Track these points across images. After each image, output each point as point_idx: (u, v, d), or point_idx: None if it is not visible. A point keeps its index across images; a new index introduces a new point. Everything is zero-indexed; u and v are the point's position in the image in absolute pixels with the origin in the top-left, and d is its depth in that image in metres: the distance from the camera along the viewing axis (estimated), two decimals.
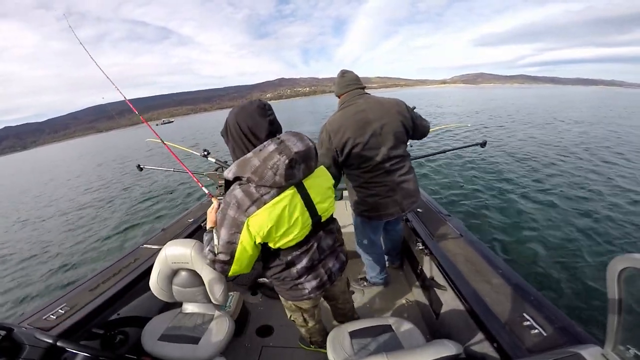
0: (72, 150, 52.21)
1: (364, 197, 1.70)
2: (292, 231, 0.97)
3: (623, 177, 6.00)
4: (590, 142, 9.50)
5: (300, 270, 1.10)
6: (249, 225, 0.90)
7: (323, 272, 1.18)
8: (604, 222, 4.17)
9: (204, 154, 2.91)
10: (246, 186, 0.91)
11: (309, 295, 1.18)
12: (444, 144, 10.22)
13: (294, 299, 1.23)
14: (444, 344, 1.11)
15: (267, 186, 0.90)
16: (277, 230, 0.94)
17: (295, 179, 0.94)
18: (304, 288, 1.16)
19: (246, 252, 0.95)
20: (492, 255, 1.63)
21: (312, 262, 1.12)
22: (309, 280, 1.15)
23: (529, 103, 29.83)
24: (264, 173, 0.86)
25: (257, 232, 0.91)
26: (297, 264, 1.09)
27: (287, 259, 1.07)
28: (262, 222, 0.90)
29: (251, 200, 0.89)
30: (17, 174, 24.21)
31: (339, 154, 1.59)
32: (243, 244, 0.93)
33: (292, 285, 1.16)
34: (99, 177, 13.08)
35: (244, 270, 1.02)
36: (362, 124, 1.54)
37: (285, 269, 1.10)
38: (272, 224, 0.91)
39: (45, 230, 6.95)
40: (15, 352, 1.05)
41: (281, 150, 0.88)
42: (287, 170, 0.87)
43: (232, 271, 1.00)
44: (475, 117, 18.01)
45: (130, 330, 1.71)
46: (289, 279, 1.13)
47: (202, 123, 51.94)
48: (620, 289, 0.73)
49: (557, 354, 0.92)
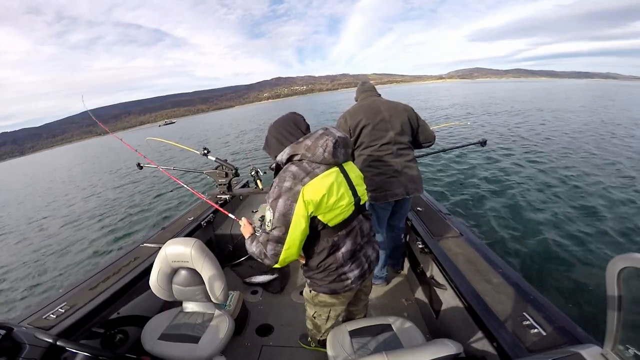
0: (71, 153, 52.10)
1: (372, 175, 1.83)
2: (340, 204, 1.06)
3: (625, 175, 6.00)
4: (590, 140, 9.49)
5: (345, 254, 1.15)
6: (304, 193, 0.99)
7: (364, 260, 1.24)
8: (605, 220, 4.17)
9: (204, 152, 2.91)
10: (299, 163, 1.06)
11: (351, 285, 1.21)
12: (444, 143, 10.21)
13: (334, 292, 1.23)
14: (444, 343, 1.11)
15: (317, 162, 1.05)
16: (328, 198, 1.02)
17: (339, 159, 1.09)
18: (347, 278, 1.19)
19: (300, 226, 1.01)
20: (492, 255, 1.63)
21: (355, 245, 1.18)
22: (352, 270, 1.19)
23: (527, 97, 29.77)
24: (316, 150, 1.03)
25: (310, 199, 1.00)
26: (342, 247, 1.14)
27: (333, 239, 1.12)
28: (316, 189, 1.00)
29: (305, 172, 1.03)
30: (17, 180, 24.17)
31: (352, 132, 1.86)
32: (298, 215, 1.00)
33: (335, 276, 1.18)
34: (99, 177, 13.08)
35: (294, 255, 1.06)
36: (375, 111, 1.85)
37: (330, 255, 1.14)
38: (325, 192, 1.01)
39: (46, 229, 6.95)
40: (15, 351, 1.05)
41: (327, 134, 1.07)
42: (334, 149, 1.04)
43: (284, 252, 1.04)
44: (474, 115, 17.99)
45: (130, 330, 1.72)
46: (334, 266, 1.16)
47: (203, 123, 52.64)
48: (619, 288, 0.73)
49: (557, 354, 0.92)
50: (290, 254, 1.05)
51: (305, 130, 1.14)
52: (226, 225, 2.79)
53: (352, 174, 1.15)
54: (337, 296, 1.27)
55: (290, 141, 1.10)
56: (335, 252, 1.14)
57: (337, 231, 1.11)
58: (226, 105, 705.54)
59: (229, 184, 2.95)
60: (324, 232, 1.10)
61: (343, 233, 1.13)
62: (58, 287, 4.16)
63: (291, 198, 1.00)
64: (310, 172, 1.03)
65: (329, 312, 1.39)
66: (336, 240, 1.12)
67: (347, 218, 1.11)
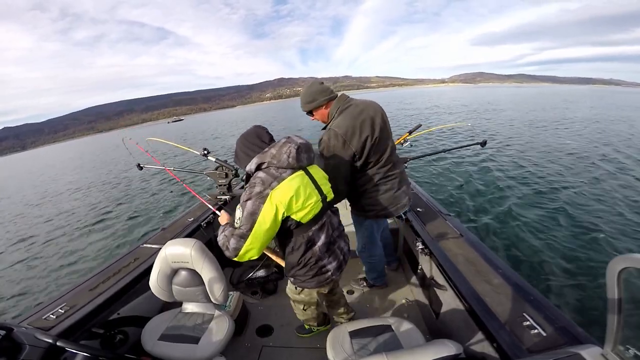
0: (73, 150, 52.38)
1: (381, 194, 1.69)
2: (309, 202, 1.16)
3: (624, 176, 6.00)
4: (590, 140, 9.49)
5: (322, 247, 1.26)
6: (272, 196, 1.10)
7: (339, 252, 1.36)
8: (605, 221, 4.17)
9: (204, 153, 2.91)
10: (267, 169, 1.16)
11: (332, 277, 1.34)
12: (444, 144, 10.22)
13: (318, 284, 1.34)
14: (444, 343, 1.11)
15: (284, 167, 1.15)
16: (296, 200, 1.12)
17: (303, 163, 1.19)
18: (327, 270, 1.32)
19: (264, 224, 1.10)
20: (492, 255, 1.63)
21: (328, 238, 1.29)
22: (331, 262, 1.32)
23: (528, 102, 29.91)
24: (281, 156, 1.14)
25: (279, 201, 1.10)
26: (317, 242, 1.25)
27: (308, 235, 1.23)
28: (283, 192, 1.10)
29: (273, 178, 1.12)
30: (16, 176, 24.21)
31: (357, 156, 1.56)
32: (263, 215, 1.09)
33: (317, 270, 1.29)
34: (99, 176, 13.08)
35: (255, 251, 1.14)
36: (370, 121, 1.57)
37: (308, 249, 1.25)
38: (292, 194, 1.11)
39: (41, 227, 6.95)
40: (15, 352, 1.05)
41: (290, 142, 1.17)
42: (297, 154, 1.14)
43: (245, 247, 1.12)
44: (474, 116, 18.01)
45: (130, 330, 1.72)
46: (313, 259, 1.27)
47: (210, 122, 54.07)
48: (620, 288, 0.73)
49: (557, 354, 0.92)
50: (251, 249, 1.13)
51: (268, 141, 1.25)
52: None
53: (317, 175, 1.27)
54: (321, 289, 1.40)
55: (256, 152, 1.20)
56: (312, 247, 1.25)
57: (310, 227, 1.22)
58: (228, 104, 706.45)
59: (229, 185, 2.95)
60: (298, 229, 1.21)
61: (316, 228, 1.24)
62: (58, 287, 4.16)
63: (259, 200, 1.10)
64: (277, 177, 1.13)
65: (317, 302, 1.57)
66: (311, 235, 1.23)
67: (317, 214, 1.22)
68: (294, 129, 21.75)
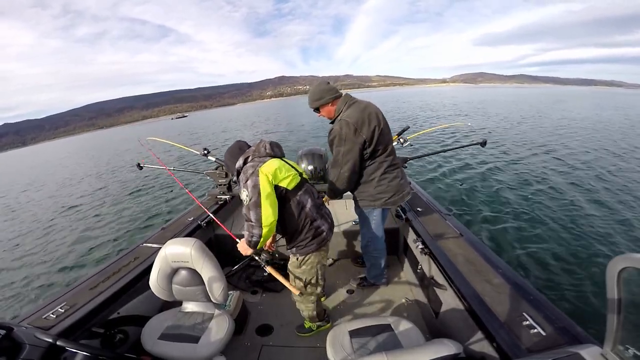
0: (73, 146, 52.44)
1: (389, 181, 1.80)
2: (289, 174, 1.45)
3: (624, 176, 6.00)
4: (590, 141, 9.50)
5: (312, 209, 1.51)
6: (262, 171, 1.38)
7: (327, 215, 1.61)
8: (604, 221, 4.18)
9: (204, 152, 2.91)
10: (252, 160, 1.46)
11: (326, 236, 1.57)
12: (444, 144, 10.22)
13: (319, 246, 1.54)
14: (444, 343, 1.11)
15: (263, 156, 1.47)
16: (280, 171, 1.41)
17: (277, 154, 1.54)
18: (322, 230, 1.54)
19: (266, 190, 1.35)
20: (491, 255, 1.63)
21: (314, 201, 1.54)
22: (323, 223, 1.55)
23: (527, 102, 30.00)
24: (260, 150, 1.50)
25: (268, 172, 1.38)
26: (307, 204, 1.50)
27: (297, 199, 1.47)
28: (269, 166, 1.40)
29: (258, 162, 1.43)
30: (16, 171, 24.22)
31: (367, 143, 1.68)
32: (262, 184, 1.36)
33: (314, 230, 1.51)
34: (98, 175, 13.07)
35: (272, 217, 1.36)
36: (375, 114, 1.72)
37: (301, 212, 1.48)
38: (276, 167, 1.41)
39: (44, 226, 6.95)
40: (15, 351, 1.05)
41: (264, 140, 1.54)
42: (271, 146, 1.52)
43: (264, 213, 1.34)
44: (475, 117, 18.01)
45: (130, 329, 1.72)
46: (308, 220, 1.49)
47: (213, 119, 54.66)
48: (619, 288, 0.73)
49: (557, 354, 0.92)
50: (268, 214, 1.35)
51: (248, 148, 1.57)
52: (226, 225, 2.79)
53: (290, 162, 1.58)
54: (320, 251, 1.58)
55: (238, 156, 1.52)
56: (304, 209, 1.49)
57: (296, 192, 1.47)
58: (229, 102, 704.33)
59: (229, 185, 2.95)
60: (288, 195, 1.44)
61: (302, 192, 1.49)
62: (58, 286, 4.16)
63: (255, 176, 1.37)
64: (261, 161, 1.44)
65: (317, 271, 1.64)
66: (299, 199, 1.47)
67: (299, 182, 1.49)
68: (295, 125, 21.96)
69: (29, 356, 1.06)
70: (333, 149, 1.74)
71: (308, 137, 15.68)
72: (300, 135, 16.36)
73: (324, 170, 3.51)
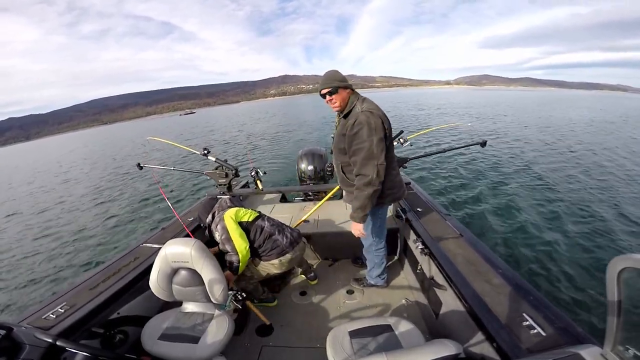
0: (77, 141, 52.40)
1: (395, 176, 1.83)
2: (248, 211, 1.99)
3: (624, 176, 6.00)
4: (590, 142, 9.49)
5: (270, 228, 1.95)
6: (226, 216, 1.87)
7: (288, 234, 1.99)
8: (604, 221, 4.17)
9: (204, 152, 2.90)
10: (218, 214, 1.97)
11: (285, 249, 1.92)
12: (444, 144, 10.22)
13: (277, 256, 1.90)
14: (444, 343, 1.11)
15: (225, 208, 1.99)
16: (239, 212, 1.93)
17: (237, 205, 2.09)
18: (279, 243, 1.91)
19: (232, 226, 1.82)
20: (491, 255, 1.63)
21: (271, 222, 2.01)
22: (282, 238, 1.94)
23: (529, 105, 30.01)
24: (222, 205, 2.05)
25: (230, 215, 1.87)
26: (265, 226, 1.95)
27: (256, 225, 1.93)
28: (231, 211, 1.91)
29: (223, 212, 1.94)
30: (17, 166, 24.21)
31: (388, 135, 1.66)
32: (230, 225, 1.82)
33: (272, 244, 1.90)
34: (98, 175, 13.06)
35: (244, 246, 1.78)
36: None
37: (262, 232, 1.91)
38: (236, 210, 1.94)
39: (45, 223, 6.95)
40: (15, 351, 1.05)
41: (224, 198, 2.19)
42: (231, 201, 2.10)
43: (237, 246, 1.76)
44: (476, 117, 18.01)
45: (130, 330, 1.72)
46: (267, 235, 1.91)
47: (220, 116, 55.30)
48: (619, 289, 0.73)
49: (557, 354, 0.92)
50: (239, 243, 1.77)
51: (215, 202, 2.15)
52: None
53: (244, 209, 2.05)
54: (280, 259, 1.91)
55: (209, 211, 2.08)
56: (263, 229, 1.93)
57: (255, 221, 1.95)
58: (232, 100, 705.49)
59: (229, 185, 2.95)
60: (249, 225, 1.90)
61: (259, 220, 1.97)
62: (58, 286, 4.15)
63: (222, 220, 1.86)
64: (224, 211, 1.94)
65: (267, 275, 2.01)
66: (258, 224, 1.94)
67: (257, 215, 1.99)
68: (298, 122, 21.99)
69: (29, 356, 1.05)
70: (358, 142, 1.58)
71: (313, 130, 15.94)
72: (303, 132, 16.36)
73: (324, 171, 3.51)
